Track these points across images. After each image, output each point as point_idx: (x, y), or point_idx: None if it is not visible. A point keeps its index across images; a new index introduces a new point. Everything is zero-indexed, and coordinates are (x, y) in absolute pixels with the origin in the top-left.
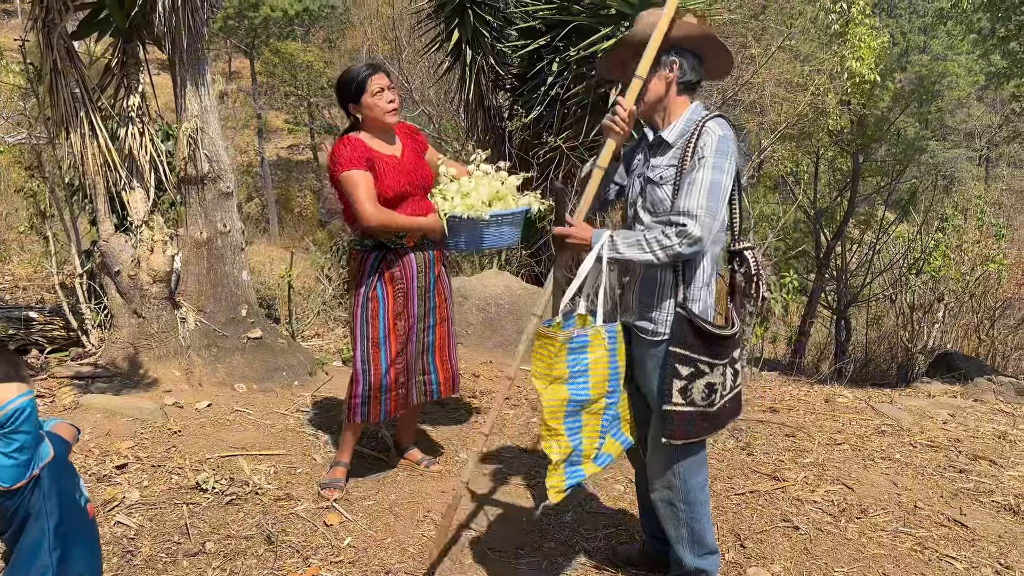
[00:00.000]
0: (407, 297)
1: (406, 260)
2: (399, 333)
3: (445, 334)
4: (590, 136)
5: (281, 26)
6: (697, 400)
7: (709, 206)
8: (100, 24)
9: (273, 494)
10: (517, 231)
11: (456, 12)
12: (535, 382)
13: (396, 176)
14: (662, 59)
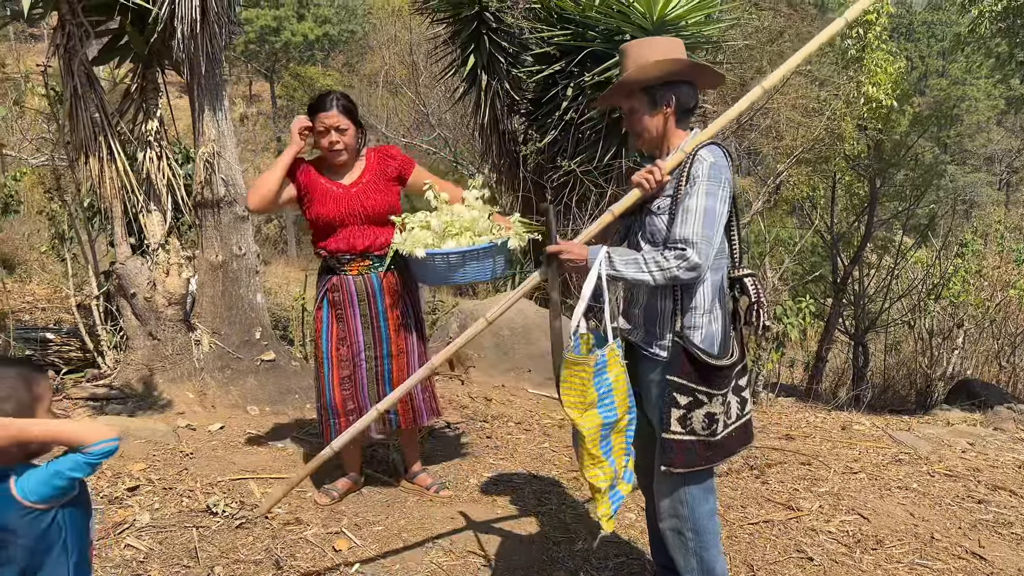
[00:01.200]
0: (347, 323)
1: (346, 287)
2: (342, 358)
3: (405, 366)
4: (604, 160)
5: (301, 51)
6: (697, 429)
7: (705, 233)
8: (120, 50)
9: (283, 518)
10: (488, 267)
11: (472, 38)
12: (570, 412)
13: (329, 205)
14: (657, 96)
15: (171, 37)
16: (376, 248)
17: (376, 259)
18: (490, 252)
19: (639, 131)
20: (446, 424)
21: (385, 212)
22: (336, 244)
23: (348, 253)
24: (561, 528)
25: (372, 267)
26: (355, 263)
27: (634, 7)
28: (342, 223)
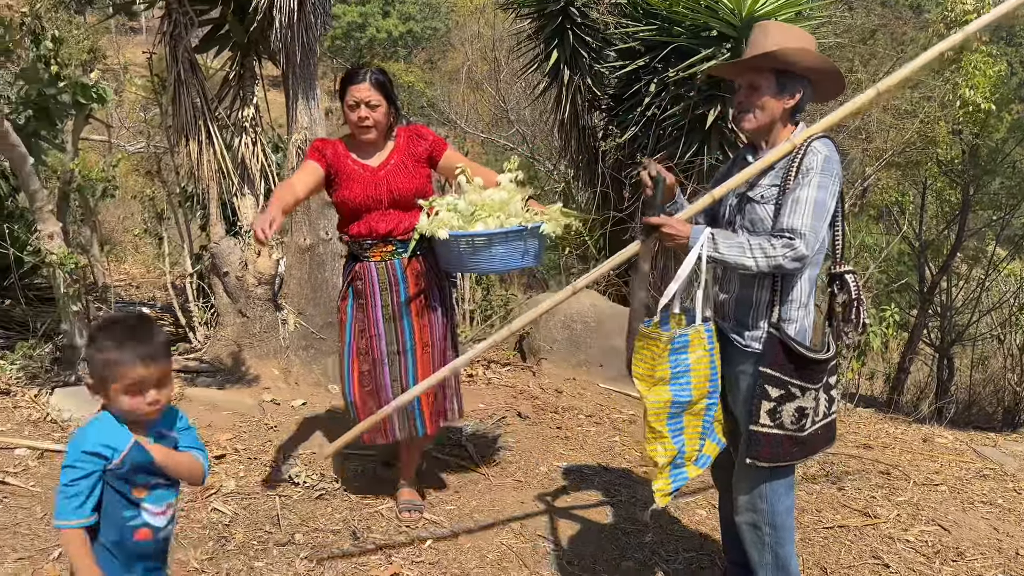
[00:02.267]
0: (368, 313)
1: (368, 274)
2: (362, 350)
3: (429, 363)
4: (685, 157)
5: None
6: (786, 424)
7: (813, 224)
8: (220, 39)
9: (360, 492)
10: (517, 253)
11: (556, 33)
12: (637, 384)
13: (355, 187)
14: (787, 83)
15: (269, 27)
16: (399, 233)
17: (399, 244)
18: (519, 236)
19: (753, 109)
20: (517, 413)
21: (412, 195)
22: (358, 228)
23: (369, 238)
24: (630, 520)
25: (395, 253)
26: (377, 249)
27: (722, 3)
28: (367, 207)
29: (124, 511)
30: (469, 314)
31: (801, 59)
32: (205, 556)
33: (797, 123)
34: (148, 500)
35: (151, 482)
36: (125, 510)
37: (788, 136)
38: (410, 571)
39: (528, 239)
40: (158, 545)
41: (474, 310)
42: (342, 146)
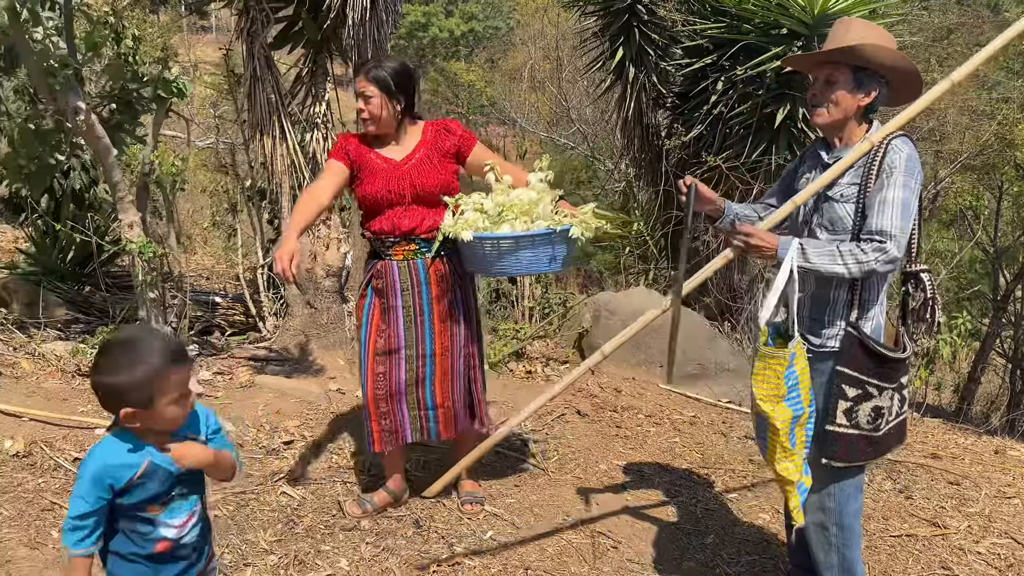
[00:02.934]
0: (389, 314)
1: (390, 274)
2: (379, 351)
3: (449, 368)
4: (752, 157)
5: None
6: (862, 423)
7: (903, 225)
8: (294, 36)
9: (423, 482)
10: (545, 257)
11: (622, 30)
12: (763, 406)
13: (377, 181)
14: (865, 80)
15: (341, 24)
16: (423, 231)
17: (423, 244)
18: (547, 240)
19: (827, 104)
20: (576, 411)
21: (437, 192)
22: (380, 224)
23: (391, 235)
24: (692, 520)
25: (418, 252)
26: (399, 247)
27: (794, 0)
28: (389, 203)
29: (140, 527)
30: (528, 311)
31: (881, 56)
32: (274, 538)
33: (871, 121)
34: (165, 515)
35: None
36: (141, 527)
37: (862, 134)
38: (471, 561)
39: (556, 243)
40: (183, 548)
41: (533, 307)
42: (365, 140)
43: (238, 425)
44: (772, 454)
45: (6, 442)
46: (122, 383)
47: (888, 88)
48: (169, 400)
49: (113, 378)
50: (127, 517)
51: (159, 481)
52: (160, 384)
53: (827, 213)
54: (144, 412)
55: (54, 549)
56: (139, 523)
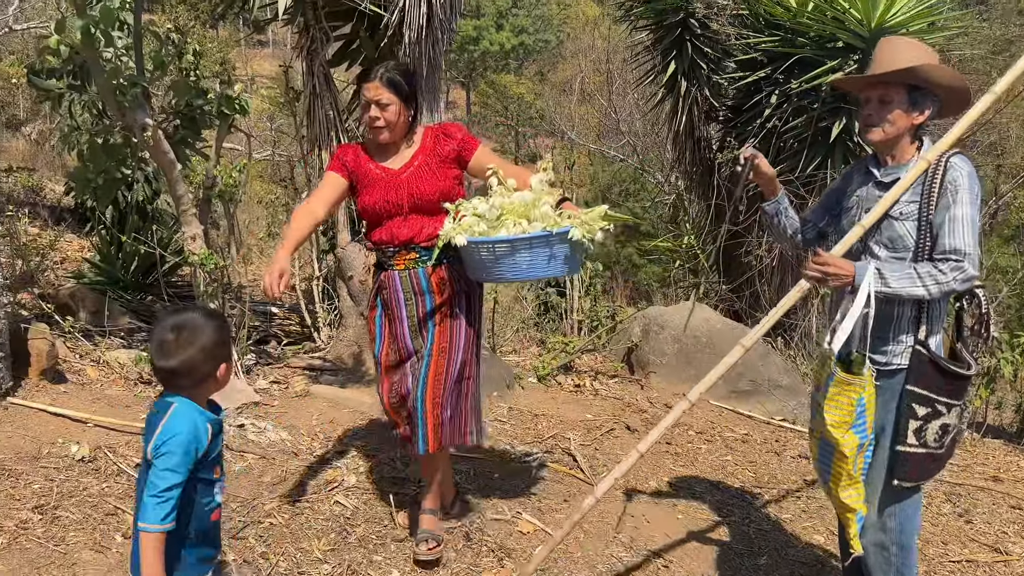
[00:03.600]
0: (394, 325)
1: (392, 283)
2: (391, 363)
3: (443, 369)
4: (807, 171)
5: (497, 59)
6: (929, 442)
7: (974, 242)
8: (352, 54)
9: (471, 495)
10: (543, 260)
11: (674, 44)
12: (834, 432)
13: (375, 192)
14: (919, 99)
15: (398, 42)
16: (422, 239)
17: (423, 252)
18: (544, 242)
19: (883, 123)
20: (626, 426)
21: (435, 199)
22: (380, 235)
23: (391, 245)
24: (744, 540)
25: (419, 261)
26: (400, 256)
27: (850, 14)
28: (387, 213)
29: (203, 498)
30: (577, 324)
31: (938, 76)
32: (328, 547)
33: (921, 139)
34: (221, 480)
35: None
36: (204, 496)
37: (913, 151)
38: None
39: (555, 245)
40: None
41: (581, 320)
42: (364, 150)
43: (293, 434)
44: (837, 481)
45: (72, 447)
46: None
47: (939, 104)
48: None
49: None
50: (201, 484)
51: (219, 442)
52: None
53: (886, 231)
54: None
55: (118, 553)
56: (206, 492)
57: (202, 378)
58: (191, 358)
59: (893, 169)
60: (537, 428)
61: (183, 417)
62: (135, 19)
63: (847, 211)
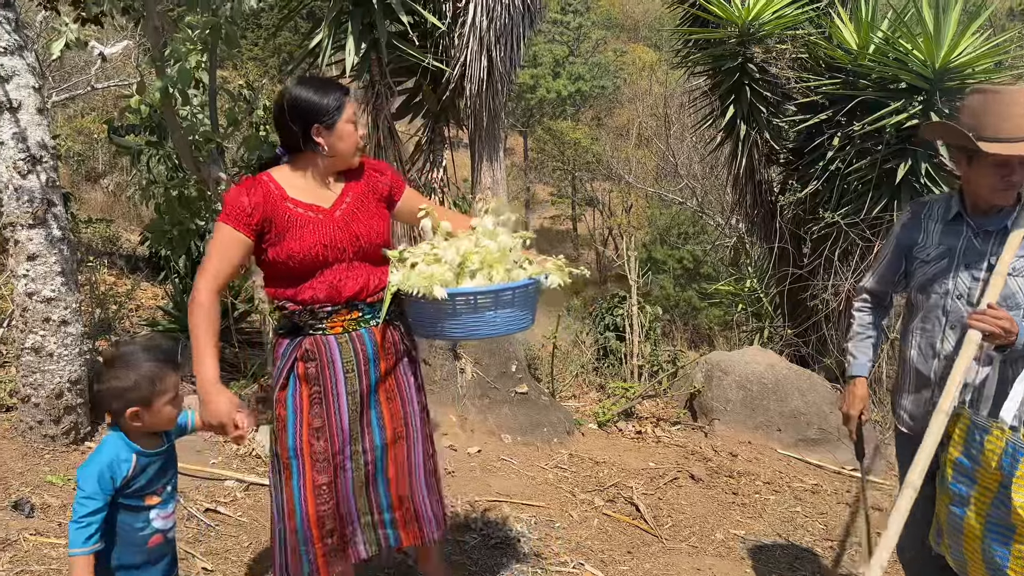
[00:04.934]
0: (328, 406)
1: (327, 352)
2: (317, 457)
3: (405, 458)
4: (872, 213)
5: (554, 106)
6: None
7: None
8: (414, 107)
9: (533, 544)
10: (522, 313)
11: (733, 89)
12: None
13: (307, 236)
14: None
15: (459, 95)
16: (369, 293)
17: (368, 310)
18: (529, 293)
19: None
20: (690, 475)
21: (380, 243)
22: (313, 292)
23: (328, 303)
24: None
25: (361, 321)
26: (338, 317)
27: (913, 55)
28: (325, 261)
29: (135, 524)
30: (637, 369)
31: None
32: None
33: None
34: (160, 507)
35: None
36: (136, 523)
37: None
38: None
39: (533, 295)
40: (169, 545)
41: (642, 365)
42: (273, 185)
43: None
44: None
45: None
46: (125, 385)
47: None
48: (166, 400)
49: (117, 382)
50: (128, 510)
51: (151, 473)
52: (161, 383)
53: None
54: (145, 410)
55: None
56: (138, 518)
57: (125, 408)
58: (113, 388)
59: (995, 218)
60: (598, 476)
61: (104, 448)
62: (210, 78)
63: (929, 263)
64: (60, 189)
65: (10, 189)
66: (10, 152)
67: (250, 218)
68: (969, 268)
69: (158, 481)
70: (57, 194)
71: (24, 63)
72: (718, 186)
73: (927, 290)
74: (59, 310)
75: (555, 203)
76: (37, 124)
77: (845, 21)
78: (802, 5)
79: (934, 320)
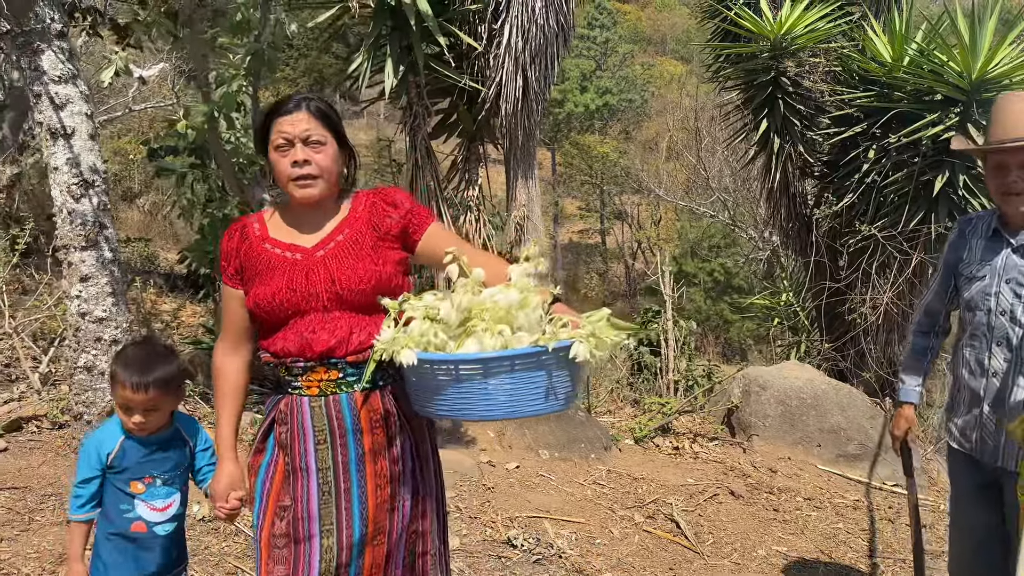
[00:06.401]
0: (296, 482)
1: (298, 417)
2: (276, 542)
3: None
4: (909, 225)
5: (582, 120)
6: None
7: None
8: (450, 127)
9: (574, 560)
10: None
11: (766, 103)
12: None
13: (274, 280)
14: None
15: (495, 115)
16: (351, 350)
17: (350, 370)
18: (536, 363)
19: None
20: (730, 491)
21: (368, 289)
22: (284, 343)
23: (300, 358)
24: None
25: (341, 383)
26: (312, 376)
27: (948, 67)
28: (295, 308)
29: (120, 504)
30: (673, 384)
31: None
32: None
33: None
34: (144, 496)
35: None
36: (121, 503)
37: None
38: None
39: (551, 367)
40: (159, 540)
41: (678, 380)
42: (258, 225)
43: None
44: None
45: (194, 506)
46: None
47: None
48: (119, 404)
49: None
50: (114, 490)
51: (134, 460)
52: (112, 385)
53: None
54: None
55: None
56: (122, 500)
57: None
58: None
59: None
60: (637, 492)
61: (102, 426)
62: (253, 102)
63: (973, 280)
64: (110, 212)
65: (64, 212)
66: (64, 177)
67: (229, 267)
68: (1010, 284)
69: (145, 471)
70: (108, 217)
71: (77, 91)
72: (750, 199)
73: (973, 307)
74: (110, 329)
75: (583, 217)
76: (89, 149)
77: (879, 33)
78: (834, 18)
79: (980, 337)
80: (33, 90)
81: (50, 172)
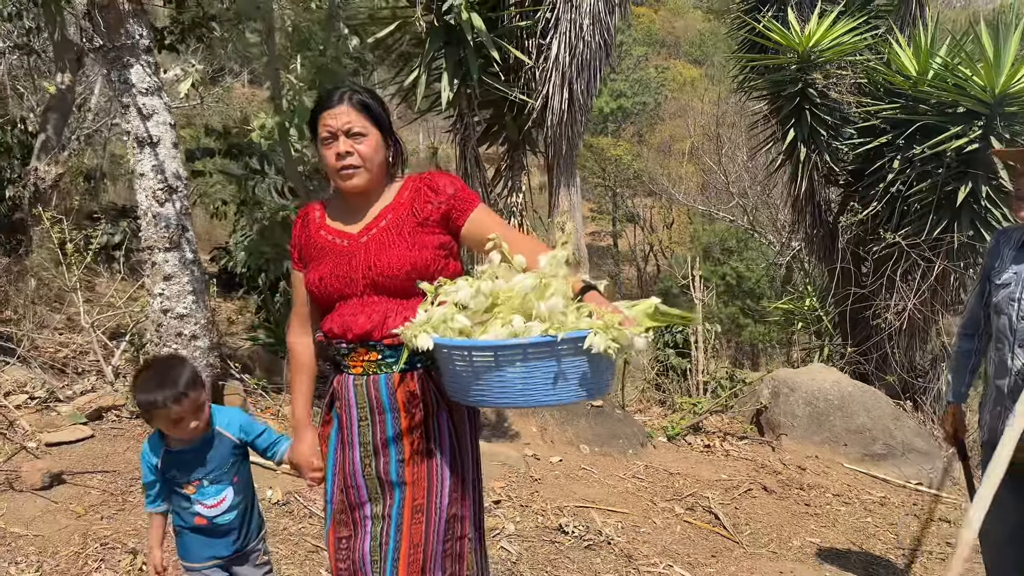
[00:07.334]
0: (344, 455)
1: (346, 394)
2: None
3: (422, 540)
4: (933, 234)
5: (595, 123)
6: None
7: None
8: (494, 135)
9: (623, 547)
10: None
11: (793, 113)
12: None
13: (323, 265)
14: None
15: (539, 125)
16: (386, 334)
17: (388, 352)
18: (547, 352)
19: None
20: (763, 487)
21: (403, 275)
22: (330, 325)
23: (343, 339)
24: None
25: (380, 365)
26: (356, 356)
27: (972, 80)
28: (338, 292)
29: (181, 503)
30: (703, 385)
31: None
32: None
33: None
34: (197, 496)
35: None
36: (182, 502)
37: None
38: None
39: (564, 357)
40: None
41: (707, 381)
42: (318, 213)
43: None
44: None
45: (267, 491)
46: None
47: None
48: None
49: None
50: (174, 492)
51: (176, 468)
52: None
53: None
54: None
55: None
56: (181, 499)
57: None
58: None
59: None
60: (674, 486)
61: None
62: None
63: (1000, 287)
64: (190, 215)
65: (149, 216)
66: (150, 182)
67: (294, 251)
68: None
69: (191, 475)
70: (188, 220)
71: (161, 102)
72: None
73: (998, 311)
74: (190, 325)
75: (595, 219)
76: (172, 157)
77: (904, 47)
78: (860, 32)
79: (1004, 340)
80: (122, 101)
81: (136, 178)
